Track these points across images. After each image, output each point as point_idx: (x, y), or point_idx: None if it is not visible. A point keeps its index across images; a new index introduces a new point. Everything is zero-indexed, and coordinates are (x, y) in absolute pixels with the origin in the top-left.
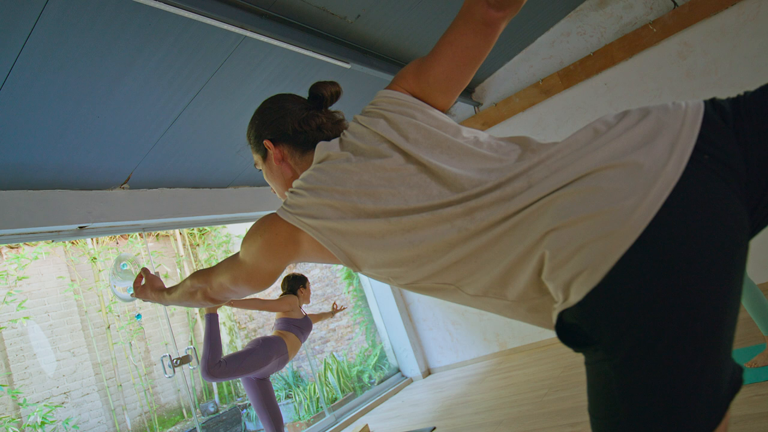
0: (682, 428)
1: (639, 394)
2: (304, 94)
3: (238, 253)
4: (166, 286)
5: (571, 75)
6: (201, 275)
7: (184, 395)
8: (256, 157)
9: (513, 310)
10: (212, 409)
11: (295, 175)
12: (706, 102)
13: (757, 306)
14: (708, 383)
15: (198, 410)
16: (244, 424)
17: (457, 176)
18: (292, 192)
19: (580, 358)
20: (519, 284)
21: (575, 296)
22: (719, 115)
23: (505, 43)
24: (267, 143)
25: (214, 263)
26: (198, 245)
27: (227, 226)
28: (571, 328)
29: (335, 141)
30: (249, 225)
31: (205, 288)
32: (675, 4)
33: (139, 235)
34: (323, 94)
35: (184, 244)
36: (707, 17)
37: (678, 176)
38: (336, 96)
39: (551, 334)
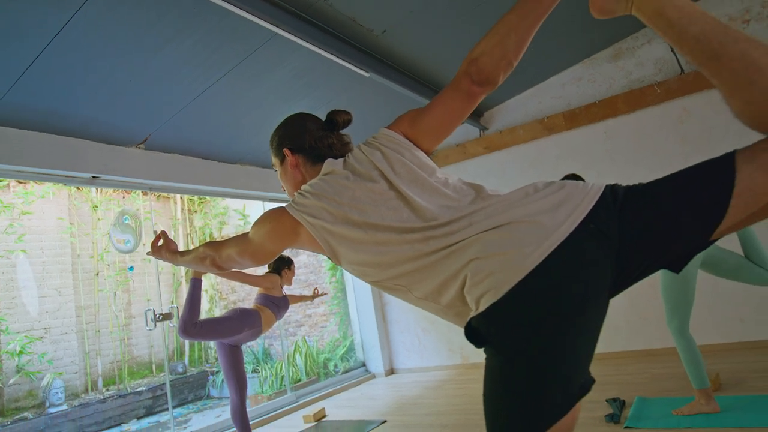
0: (538, 409)
1: (513, 382)
2: (320, 92)
3: (247, 232)
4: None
5: (575, 117)
6: (213, 245)
7: (157, 351)
8: (275, 160)
9: (445, 313)
10: (181, 370)
11: (304, 180)
12: (608, 186)
13: (692, 362)
14: (561, 382)
15: (168, 368)
16: (209, 389)
17: (424, 208)
18: (300, 193)
19: None
20: (449, 294)
21: (481, 308)
22: (612, 198)
23: (520, 77)
24: (286, 151)
25: (208, 231)
26: (196, 212)
27: (227, 199)
28: (475, 331)
29: (340, 160)
30: (248, 201)
31: (214, 256)
32: (682, 70)
33: (143, 193)
34: (337, 120)
35: (182, 209)
36: (709, 88)
37: (565, 236)
38: (347, 123)
39: None
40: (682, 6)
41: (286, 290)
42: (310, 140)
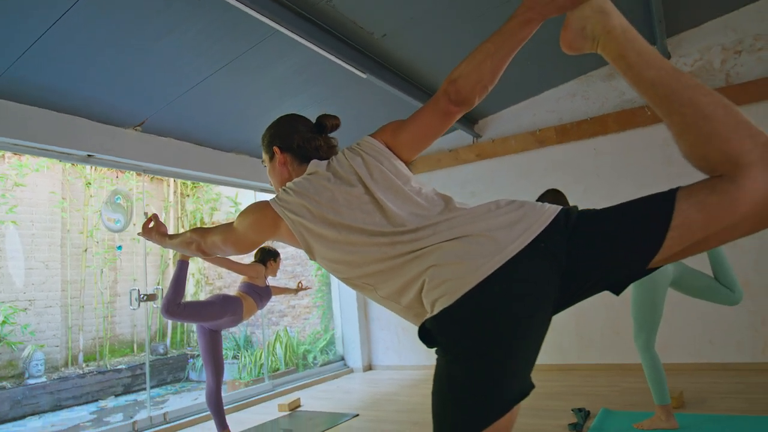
0: (478, 408)
1: (457, 382)
2: (318, 90)
3: (232, 222)
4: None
5: (566, 132)
6: (200, 231)
7: (140, 331)
8: (265, 156)
9: (405, 313)
10: (162, 351)
11: (290, 177)
12: (563, 209)
13: (655, 378)
14: (500, 385)
15: (149, 348)
16: (188, 372)
17: (395, 214)
18: (284, 190)
19: None
20: (409, 296)
21: (435, 311)
22: (565, 221)
23: (516, 89)
24: (276, 149)
25: (199, 216)
26: (188, 196)
27: (220, 186)
28: (428, 332)
29: (325, 162)
30: (240, 190)
31: (200, 242)
32: None
33: (137, 174)
34: (326, 124)
35: (175, 192)
36: None
37: (516, 252)
38: (335, 127)
39: None
40: (642, 51)
41: (271, 281)
42: (298, 140)
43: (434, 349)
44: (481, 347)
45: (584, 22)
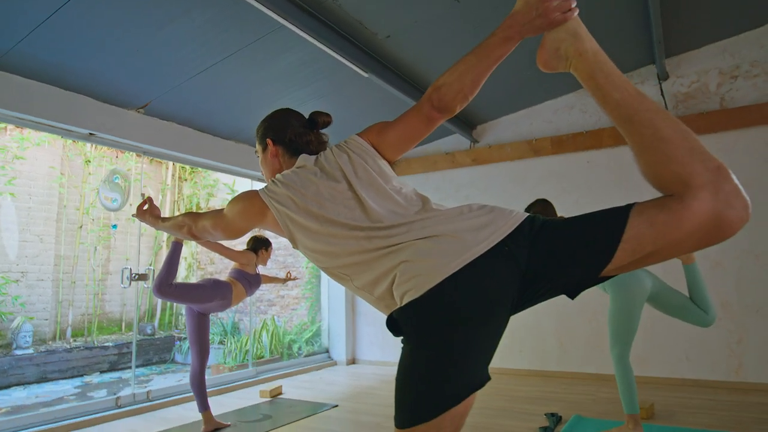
0: (435, 394)
1: (418, 369)
2: (321, 85)
3: (223, 208)
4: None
5: (562, 143)
6: (191, 215)
7: (129, 310)
8: (258, 147)
9: (377, 304)
10: (149, 331)
11: (281, 169)
12: (529, 216)
13: (626, 388)
14: (458, 375)
15: (137, 328)
16: (174, 354)
17: (374, 210)
18: (273, 181)
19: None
20: (381, 288)
21: (403, 302)
22: (529, 228)
23: (515, 97)
24: (269, 141)
25: (195, 201)
26: (186, 180)
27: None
28: (395, 321)
29: (313, 157)
30: (238, 177)
31: (191, 225)
32: None
33: (137, 155)
34: (318, 121)
35: (173, 175)
36: None
37: (481, 253)
38: (326, 124)
39: None
40: (609, 74)
41: (261, 270)
42: (291, 134)
43: (401, 339)
44: (442, 338)
45: (559, 43)
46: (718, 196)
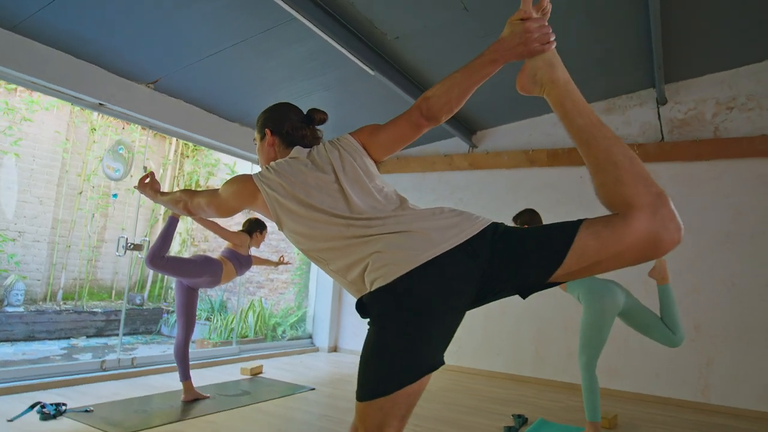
0: (394, 372)
1: (380, 348)
2: (328, 78)
3: (218, 188)
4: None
5: (557, 157)
6: (188, 192)
7: (120, 279)
8: (257, 135)
9: (349, 288)
10: (138, 302)
11: (275, 157)
12: (494, 223)
13: (590, 396)
14: (415, 356)
15: (127, 297)
16: (161, 326)
17: (355, 203)
18: (267, 168)
19: (449, 383)
20: (354, 273)
21: (372, 288)
22: (492, 232)
23: (517, 107)
24: (267, 131)
25: (195, 178)
26: (188, 157)
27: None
28: (363, 305)
29: (306, 150)
30: (238, 159)
31: (187, 201)
32: (662, 137)
33: (142, 128)
34: (314, 117)
35: (176, 151)
36: (681, 160)
37: (445, 250)
38: (322, 122)
39: (446, 357)
40: (576, 102)
41: (255, 252)
42: (288, 127)
43: (367, 321)
44: (404, 322)
45: (536, 70)
46: (655, 218)
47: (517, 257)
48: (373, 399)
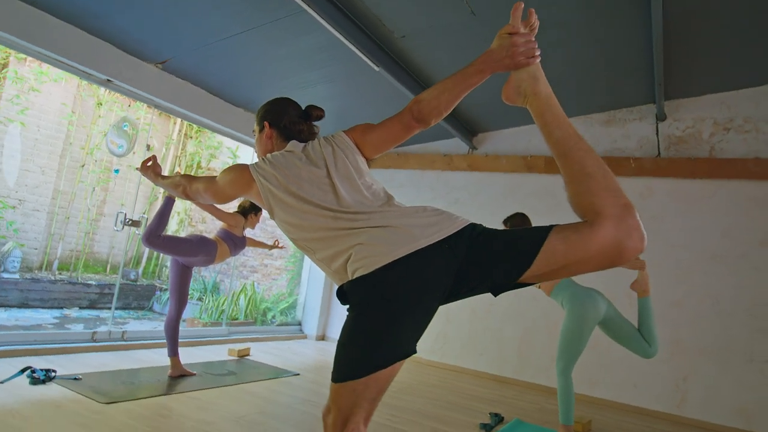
0: (369, 354)
1: (358, 332)
2: (334, 70)
3: (216, 176)
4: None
5: (554, 165)
6: (188, 177)
7: (116, 253)
8: (256, 127)
9: (332, 276)
10: (132, 277)
11: (272, 150)
12: (472, 223)
13: (565, 400)
14: (388, 343)
15: (122, 271)
16: (153, 303)
17: (344, 198)
18: (263, 159)
19: (434, 379)
20: (338, 263)
21: (353, 277)
22: (470, 232)
23: (519, 112)
24: (266, 123)
25: (197, 159)
26: (191, 138)
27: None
28: (344, 292)
29: (302, 144)
30: (241, 144)
31: (186, 186)
32: (659, 154)
33: (148, 106)
34: (311, 114)
35: (179, 131)
36: (676, 177)
37: (423, 246)
38: (318, 118)
39: (431, 354)
40: (556, 114)
41: (250, 234)
42: (286, 121)
43: (347, 308)
44: (380, 310)
45: (520, 82)
46: (620, 227)
47: (490, 256)
48: (346, 381)
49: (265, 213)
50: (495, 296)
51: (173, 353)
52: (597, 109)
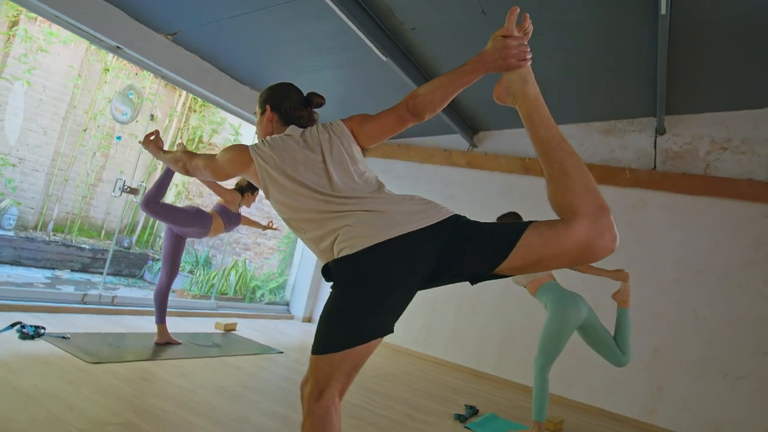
0: (349, 329)
1: (339, 308)
2: (344, 57)
3: (215, 154)
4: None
5: None
6: (188, 154)
7: (112, 220)
8: (258, 110)
9: (319, 255)
10: (126, 244)
11: (272, 133)
12: (456, 214)
13: (539, 397)
14: (368, 320)
15: (116, 238)
16: (145, 271)
17: (336, 182)
18: (262, 141)
19: (416, 369)
20: (325, 243)
21: (339, 256)
22: (453, 222)
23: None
24: (268, 107)
25: (199, 133)
26: (195, 111)
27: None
28: (329, 270)
29: (301, 130)
30: (244, 122)
31: (186, 162)
32: (655, 167)
33: (154, 76)
34: (312, 101)
35: (184, 104)
36: (669, 191)
37: (407, 231)
38: (319, 105)
39: (415, 345)
40: (542, 116)
41: (245, 212)
42: (287, 106)
43: (330, 285)
44: (361, 288)
45: (511, 83)
46: (594, 226)
47: (470, 246)
48: (325, 353)
49: (261, 194)
50: (472, 284)
51: (161, 321)
52: (598, 117)
